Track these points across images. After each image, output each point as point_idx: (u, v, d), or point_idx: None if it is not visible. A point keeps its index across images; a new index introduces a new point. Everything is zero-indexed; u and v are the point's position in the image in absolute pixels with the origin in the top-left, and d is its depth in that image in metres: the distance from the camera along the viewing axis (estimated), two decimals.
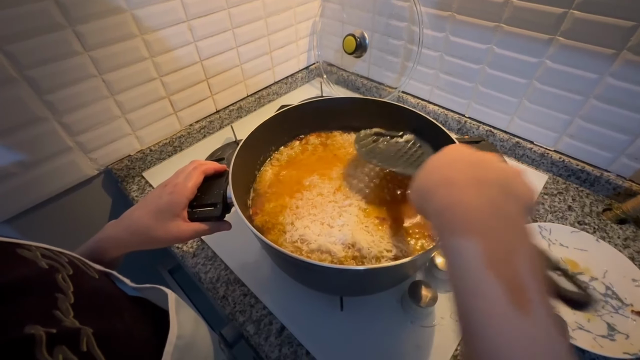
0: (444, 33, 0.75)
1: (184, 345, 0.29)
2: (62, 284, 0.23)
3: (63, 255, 0.27)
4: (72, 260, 0.27)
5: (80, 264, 0.28)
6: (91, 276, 0.28)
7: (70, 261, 0.27)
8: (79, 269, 0.27)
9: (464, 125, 0.82)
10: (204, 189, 0.44)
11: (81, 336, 0.21)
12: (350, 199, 0.51)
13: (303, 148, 0.62)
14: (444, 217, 0.26)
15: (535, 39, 0.63)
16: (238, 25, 0.79)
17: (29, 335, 0.18)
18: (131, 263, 0.61)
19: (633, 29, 0.53)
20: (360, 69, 0.98)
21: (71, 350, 0.20)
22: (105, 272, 0.31)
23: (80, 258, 0.29)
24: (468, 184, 0.26)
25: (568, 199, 0.68)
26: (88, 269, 0.29)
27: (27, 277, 0.22)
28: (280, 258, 0.43)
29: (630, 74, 0.56)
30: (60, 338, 0.20)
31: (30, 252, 0.24)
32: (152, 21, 0.64)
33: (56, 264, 0.25)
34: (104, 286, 0.29)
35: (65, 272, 0.25)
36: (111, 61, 0.62)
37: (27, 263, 0.23)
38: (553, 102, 0.67)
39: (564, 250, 0.57)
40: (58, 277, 0.24)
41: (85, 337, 0.21)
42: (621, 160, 0.65)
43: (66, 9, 0.53)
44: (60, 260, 0.26)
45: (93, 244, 0.39)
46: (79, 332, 0.21)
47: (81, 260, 0.29)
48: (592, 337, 0.46)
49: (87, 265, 0.29)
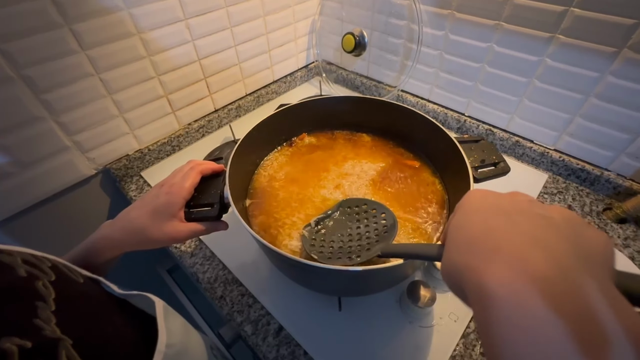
0: (444, 31, 0.74)
1: (174, 353, 0.28)
2: (42, 290, 0.23)
3: (46, 260, 0.26)
4: (55, 265, 0.27)
5: (65, 269, 0.28)
6: (76, 281, 0.27)
7: (53, 266, 0.26)
8: (63, 275, 0.26)
9: (463, 124, 0.82)
10: (201, 189, 0.44)
11: (59, 348, 0.20)
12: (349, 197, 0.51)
13: (302, 147, 0.62)
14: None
15: (535, 37, 0.62)
16: (236, 23, 0.78)
17: (1, 350, 0.18)
18: (129, 263, 0.61)
19: (634, 26, 0.52)
20: (360, 67, 0.98)
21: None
22: (92, 278, 0.31)
23: (65, 263, 0.29)
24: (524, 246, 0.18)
25: (568, 198, 0.68)
26: (73, 274, 0.28)
27: (4, 286, 0.21)
28: (277, 259, 0.43)
29: (631, 72, 0.56)
30: (36, 352, 0.19)
31: (11, 257, 0.24)
32: (150, 20, 0.63)
33: (36, 271, 0.24)
34: (90, 291, 0.28)
35: (46, 279, 0.24)
36: (108, 60, 0.61)
37: (5, 270, 0.22)
38: (553, 100, 0.67)
39: None
40: (38, 284, 0.23)
41: (65, 350, 0.20)
42: (621, 159, 0.64)
43: (63, 7, 0.53)
44: (41, 266, 0.25)
45: (88, 245, 0.39)
46: (57, 344, 0.20)
47: (66, 265, 0.28)
48: None
49: (72, 270, 0.28)
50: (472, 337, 0.48)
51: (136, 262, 0.74)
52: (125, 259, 0.43)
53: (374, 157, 0.59)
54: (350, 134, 0.64)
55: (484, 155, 0.49)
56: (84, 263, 0.38)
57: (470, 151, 0.50)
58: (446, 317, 0.50)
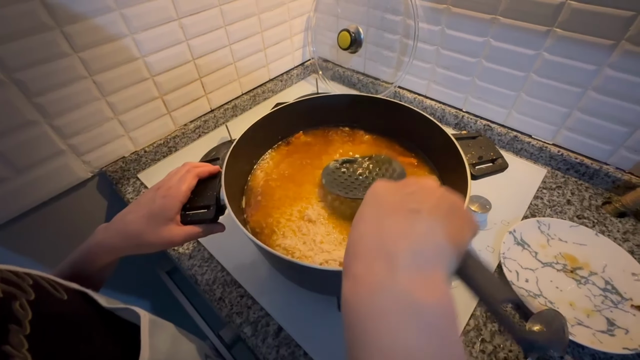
0: (440, 26, 0.74)
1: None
2: (19, 312, 0.22)
3: (28, 278, 0.26)
4: (37, 282, 0.26)
5: (48, 286, 0.27)
6: (58, 299, 0.27)
7: (35, 283, 0.26)
8: (44, 292, 0.26)
9: (461, 119, 0.81)
10: (197, 191, 0.44)
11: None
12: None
13: (299, 146, 0.61)
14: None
15: (532, 31, 0.62)
16: (231, 22, 0.78)
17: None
18: (129, 265, 0.61)
19: (632, 18, 0.52)
20: (356, 64, 0.97)
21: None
22: (80, 291, 0.30)
23: (50, 278, 0.28)
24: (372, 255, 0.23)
25: (567, 192, 0.68)
26: (57, 290, 0.27)
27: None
28: (274, 260, 0.42)
29: (629, 64, 0.55)
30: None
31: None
32: (142, 20, 0.63)
33: (14, 290, 0.23)
34: (71, 309, 0.28)
35: (25, 298, 0.23)
36: (101, 62, 0.61)
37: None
38: (551, 94, 0.66)
39: (563, 245, 0.57)
40: (15, 305, 0.22)
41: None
42: (620, 153, 0.64)
43: (53, 9, 0.52)
44: (21, 284, 0.24)
45: (83, 251, 0.38)
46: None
47: (50, 280, 0.28)
48: (591, 333, 0.46)
49: (56, 286, 0.28)
50: (472, 335, 0.48)
51: (135, 264, 0.74)
52: (125, 261, 0.43)
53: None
54: (348, 132, 0.63)
55: (482, 152, 0.49)
56: (79, 271, 0.38)
57: (467, 148, 0.49)
58: None
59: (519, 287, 0.51)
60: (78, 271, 0.38)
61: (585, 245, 0.56)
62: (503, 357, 0.45)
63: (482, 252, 0.57)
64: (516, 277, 0.53)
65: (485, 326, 0.48)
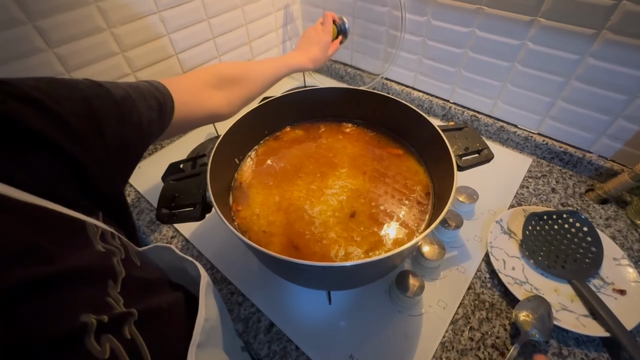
0: (426, 17, 0.73)
1: (210, 327, 0.30)
2: (117, 268, 0.24)
3: (118, 238, 0.27)
4: (123, 243, 0.28)
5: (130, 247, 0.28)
6: (134, 262, 0.28)
7: (122, 244, 0.27)
8: (128, 253, 0.27)
9: (448, 111, 0.82)
10: (183, 189, 0.43)
11: (126, 324, 0.22)
12: (334, 189, 0.51)
13: (286, 140, 0.61)
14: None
15: (516, 21, 0.62)
16: (213, 15, 0.76)
17: (83, 323, 0.19)
18: None
19: (612, 7, 0.52)
20: (343, 56, 0.96)
21: (117, 338, 0.20)
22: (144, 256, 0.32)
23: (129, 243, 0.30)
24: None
25: (552, 181, 0.69)
26: (133, 256, 0.29)
27: (84, 263, 0.22)
28: (262, 256, 0.42)
29: (610, 53, 0.56)
30: (108, 326, 0.20)
31: (94, 231, 0.24)
32: (120, 13, 0.61)
33: (112, 247, 0.25)
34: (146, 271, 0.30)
35: (119, 256, 0.25)
36: (79, 58, 0.59)
37: (87, 245, 0.23)
38: (535, 84, 0.67)
39: None
40: (114, 261, 0.24)
41: (128, 326, 0.22)
42: (602, 141, 0.65)
43: (24, 2, 0.50)
44: (114, 243, 0.26)
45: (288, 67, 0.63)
46: (124, 320, 0.22)
47: (129, 244, 0.29)
48: (575, 317, 0.47)
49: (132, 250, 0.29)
50: (460, 323, 0.48)
51: None
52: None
53: (359, 147, 0.58)
54: (335, 125, 0.63)
55: (468, 143, 0.49)
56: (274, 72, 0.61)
57: (454, 139, 0.49)
58: (435, 305, 0.50)
59: (506, 275, 0.52)
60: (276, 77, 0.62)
61: None
62: (491, 343, 0.46)
63: (470, 241, 0.58)
64: (503, 265, 0.54)
65: (473, 314, 0.49)
